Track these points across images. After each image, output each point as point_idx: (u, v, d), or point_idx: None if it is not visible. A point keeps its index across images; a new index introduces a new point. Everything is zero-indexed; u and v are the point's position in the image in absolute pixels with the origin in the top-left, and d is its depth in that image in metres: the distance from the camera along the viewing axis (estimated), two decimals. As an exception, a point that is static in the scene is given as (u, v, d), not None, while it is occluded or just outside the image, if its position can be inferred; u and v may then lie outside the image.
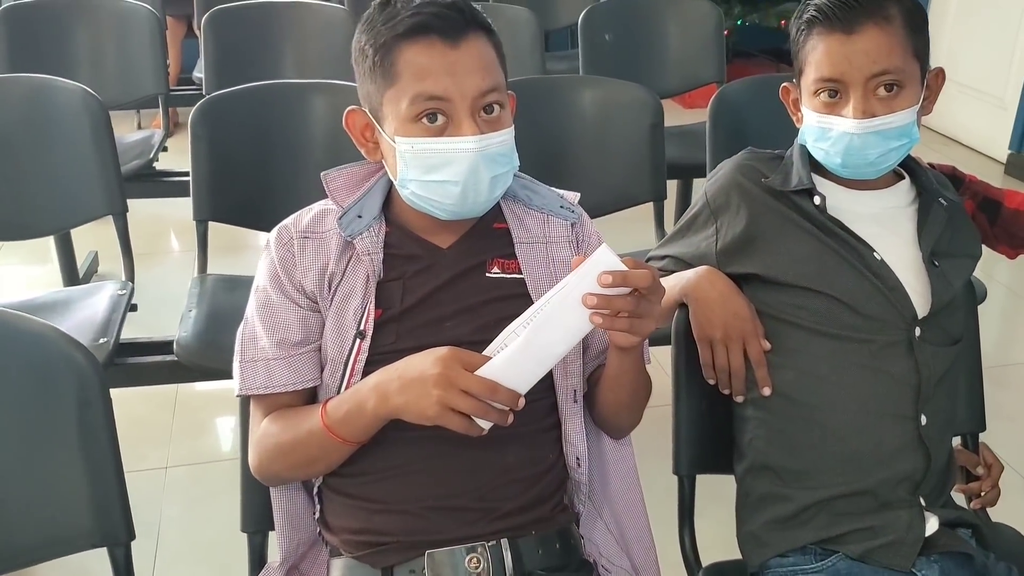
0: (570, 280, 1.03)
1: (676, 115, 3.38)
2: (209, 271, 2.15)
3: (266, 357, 1.17)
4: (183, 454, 2.35)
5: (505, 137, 1.14)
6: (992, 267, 1.51)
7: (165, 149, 2.96)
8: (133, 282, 2.11)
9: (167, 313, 2.14)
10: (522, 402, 1.03)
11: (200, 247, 2.13)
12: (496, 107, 1.13)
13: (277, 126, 2.12)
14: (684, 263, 1.39)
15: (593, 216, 2.24)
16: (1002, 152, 4.35)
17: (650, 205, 2.34)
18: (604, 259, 1.02)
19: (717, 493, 1.42)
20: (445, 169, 1.11)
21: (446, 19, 1.09)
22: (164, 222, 3.49)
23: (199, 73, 3.20)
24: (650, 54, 3.17)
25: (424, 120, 1.10)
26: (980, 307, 2.59)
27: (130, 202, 2.16)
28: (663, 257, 1.43)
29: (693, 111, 4.39)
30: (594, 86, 2.38)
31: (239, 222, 2.13)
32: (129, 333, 2.12)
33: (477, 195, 1.14)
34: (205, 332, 1.90)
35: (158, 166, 2.92)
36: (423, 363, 1.04)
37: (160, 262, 3.36)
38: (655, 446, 1.46)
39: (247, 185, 2.09)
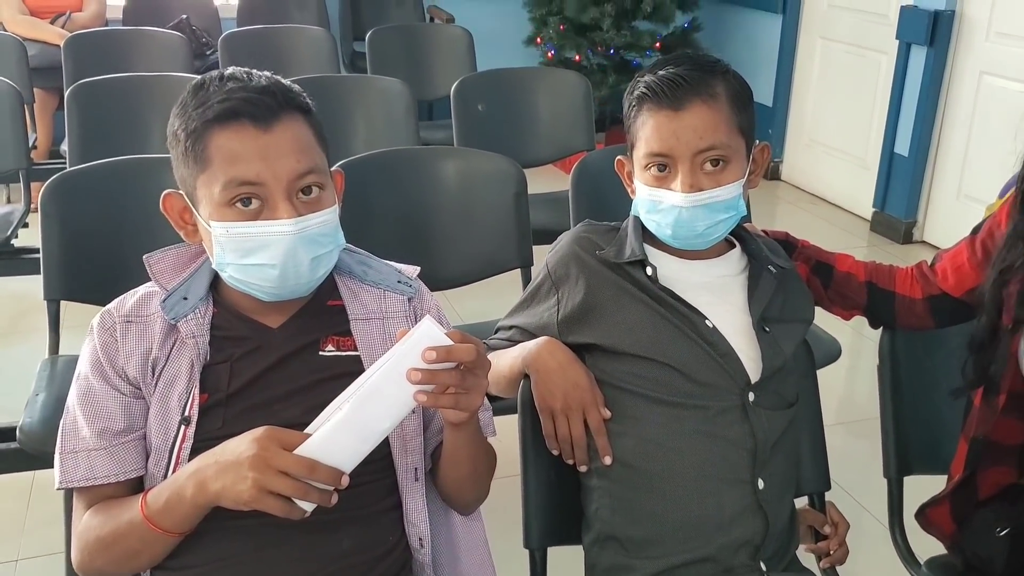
0: (394, 354, 1.02)
1: (556, 181, 3.43)
2: (66, 352, 2.07)
3: (87, 448, 1.12)
4: (38, 545, 2.22)
5: (326, 218, 1.13)
6: (861, 325, 1.58)
7: (26, 225, 2.86)
8: (-26, 368, 2.01)
9: (23, 396, 2.04)
10: (346, 480, 1.01)
11: (52, 327, 2.05)
12: (315, 188, 1.12)
13: (133, 202, 2.06)
14: (529, 333, 1.39)
15: (461, 284, 2.31)
16: (867, 210, 4.56)
17: (518, 271, 2.36)
18: (429, 333, 1.01)
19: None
20: (261, 252, 1.10)
21: (257, 104, 1.08)
22: (25, 300, 3.34)
23: (66, 147, 3.12)
24: (522, 124, 3.23)
25: (238, 204, 1.09)
26: (848, 364, 2.67)
27: (-11, 280, 2.07)
28: (510, 327, 1.44)
29: (574, 176, 4.47)
30: (459, 157, 2.41)
31: (94, 301, 2.05)
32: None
33: (298, 277, 1.12)
34: (52, 417, 1.79)
35: (18, 243, 2.81)
36: (239, 445, 1.01)
37: (20, 342, 3.22)
38: (509, 518, 1.44)
39: (102, 263, 2.03)
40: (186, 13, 4.43)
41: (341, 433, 1.00)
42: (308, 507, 1.01)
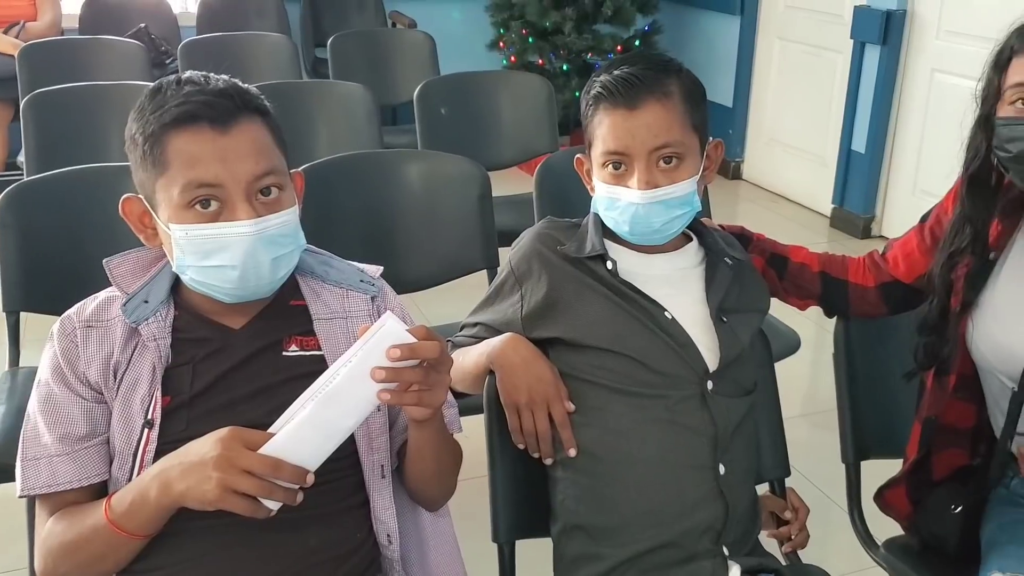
0: (357, 351, 1.02)
1: (521, 183, 3.44)
2: (27, 364, 2.06)
3: (49, 454, 1.12)
4: (1, 562, 2.20)
5: (285, 218, 1.14)
6: (823, 318, 1.63)
7: (-18, 237, 2.81)
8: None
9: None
10: (311, 478, 1.02)
11: (11, 340, 2.03)
12: (274, 189, 1.13)
13: (94, 210, 2.05)
14: (494, 330, 1.41)
15: (426, 286, 2.32)
16: (826, 206, 4.62)
17: (484, 272, 2.38)
18: (392, 331, 1.02)
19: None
20: (221, 254, 1.10)
21: (214, 107, 1.09)
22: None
23: (22, 158, 3.09)
24: (486, 127, 3.25)
25: (197, 206, 1.10)
26: (811, 356, 2.70)
27: (-54, 293, 2.04)
28: (475, 324, 1.45)
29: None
30: (422, 160, 2.43)
31: (54, 311, 2.02)
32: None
33: (259, 278, 1.13)
34: (13, 430, 1.76)
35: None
36: (203, 446, 1.02)
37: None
38: (478, 519, 1.46)
39: (62, 273, 2.01)
40: (144, 22, 4.40)
41: (305, 431, 1.01)
42: (274, 506, 1.02)
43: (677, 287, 1.37)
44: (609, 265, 1.34)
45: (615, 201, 1.33)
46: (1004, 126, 1.26)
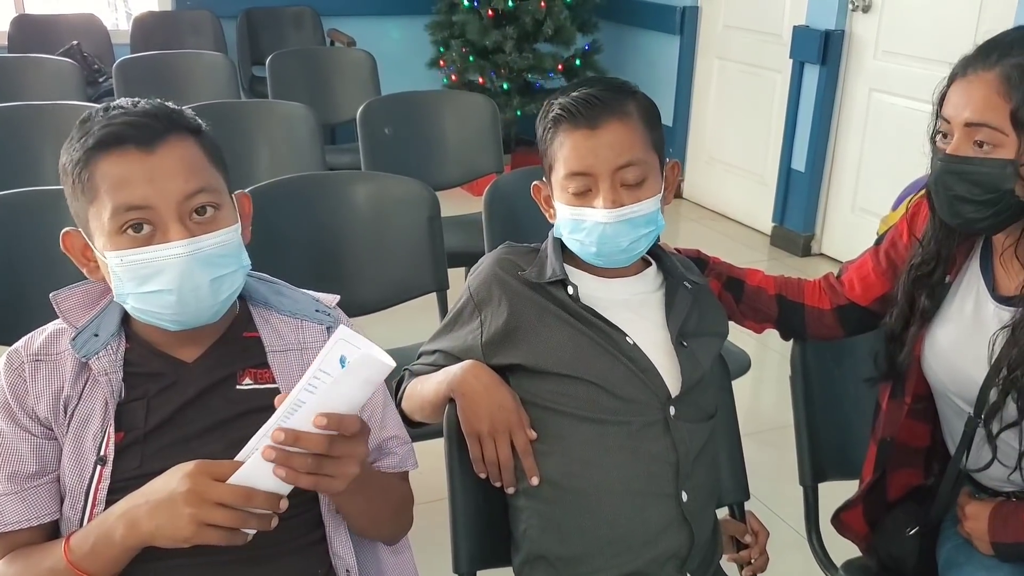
0: (318, 369, 0.99)
1: (465, 203, 3.44)
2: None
3: None
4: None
5: (222, 238, 1.10)
6: (765, 336, 1.63)
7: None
8: None
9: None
10: (284, 503, 1.00)
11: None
12: (209, 208, 1.10)
13: (28, 237, 1.98)
14: (453, 357, 1.39)
15: (377, 310, 2.28)
16: (766, 225, 4.70)
17: (432, 295, 2.35)
18: (365, 361, 0.98)
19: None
20: (157, 278, 1.07)
21: (140, 127, 1.06)
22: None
23: (-50, 180, 2.98)
24: (430, 147, 3.23)
25: (129, 231, 1.06)
26: (753, 375, 2.74)
27: None
28: (433, 352, 1.43)
29: (481, 199, 4.50)
30: (370, 181, 2.39)
31: (-9, 341, 1.97)
32: None
33: (199, 301, 1.09)
34: None
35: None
36: (170, 481, 0.99)
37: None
38: (437, 543, 1.43)
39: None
40: (76, 39, 4.30)
41: None
42: (249, 532, 1.00)
43: (637, 312, 1.36)
44: (570, 290, 1.33)
45: (580, 223, 1.32)
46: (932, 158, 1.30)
